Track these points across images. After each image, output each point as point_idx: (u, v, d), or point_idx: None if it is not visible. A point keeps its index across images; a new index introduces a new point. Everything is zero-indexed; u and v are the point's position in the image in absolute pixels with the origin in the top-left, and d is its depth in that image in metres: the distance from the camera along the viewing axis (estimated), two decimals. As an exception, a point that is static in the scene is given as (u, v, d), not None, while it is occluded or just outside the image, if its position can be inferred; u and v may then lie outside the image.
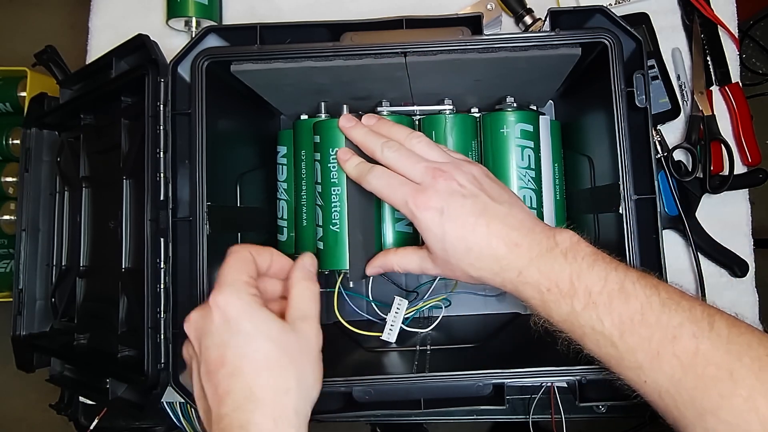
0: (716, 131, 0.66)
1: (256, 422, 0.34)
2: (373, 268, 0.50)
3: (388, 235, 0.60)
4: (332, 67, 0.53)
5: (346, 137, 0.51)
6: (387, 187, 0.45)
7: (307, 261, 0.45)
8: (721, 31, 0.69)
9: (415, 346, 0.59)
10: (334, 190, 0.53)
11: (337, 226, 0.55)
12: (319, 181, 0.54)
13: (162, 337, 0.52)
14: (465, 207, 0.42)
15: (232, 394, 0.35)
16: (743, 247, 0.66)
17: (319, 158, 0.55)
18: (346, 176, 0.51)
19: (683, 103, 0.68)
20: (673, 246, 0.66)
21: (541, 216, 0.60)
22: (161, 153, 0.53)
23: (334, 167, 0.54)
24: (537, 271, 0.40)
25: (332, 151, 0.54)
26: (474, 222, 0.42)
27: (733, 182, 0.65)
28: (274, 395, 0.36)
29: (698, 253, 0.63)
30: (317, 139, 0.55)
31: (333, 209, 0.55)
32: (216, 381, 0.36)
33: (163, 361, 0.52)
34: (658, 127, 0.67)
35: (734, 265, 0.65)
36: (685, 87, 0.68)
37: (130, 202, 0.59)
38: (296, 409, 0.37)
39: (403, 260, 0.48)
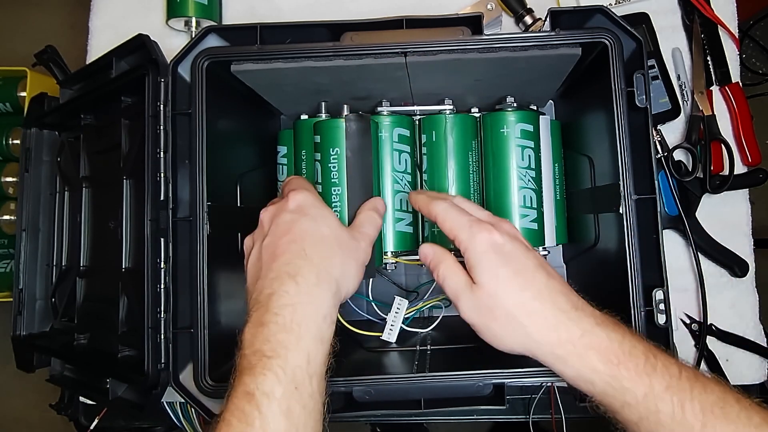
0: (716, 131, 0.66)
1: (303, 274, 0.39)
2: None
3: (389, 234, 0.60)
4: (332, 67, 0.53)
5: (352, 135, 0.53)
6: (451, 208, 0.43)
7: (379, 201, 0.50)
8: (721, 31, 0.70)
9: (415, 346, 0.59)
10: (334, 190, 0.53)
11: None
12: (320, 181, 0.54)
13: (162, 337, 0.52)
14: (523, 251, 0.40)
15: (288, 253, 0.41)
16: (743, 247, 0.66)
17: (319, 158, 0.55)
18: (346, 167, 0.52)
19: (683, 103, 0.68)
20: (673, 246, 0.66)
21: (541, 216, 0.60)
22: (161, 153, 0.53)
23: (334, 167, 0.54)
24: (606, 336, 0.36)
25: (332, 151, 0.54)
26: (534, 268, 0.39)
27: (733, 182, 0.65)
28: (321, 261, 0.41)
29: (698, 253, 0.63)
30: (317, 139, 0.55)
31: (333, 209, 0.55)
32: (276, 244, 0.42)
33: (163, 361, 0.52)
34: (658, 127, 0.67)
35: (734, 265, 0.65)
36: (685, 87, 0.68)
37: (130, 202, 0.59)
38: (337, 279, 0.41)
39: (449, 270, 0.42)
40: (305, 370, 0.36)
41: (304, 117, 0.64)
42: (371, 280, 0.65)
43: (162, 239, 0.52)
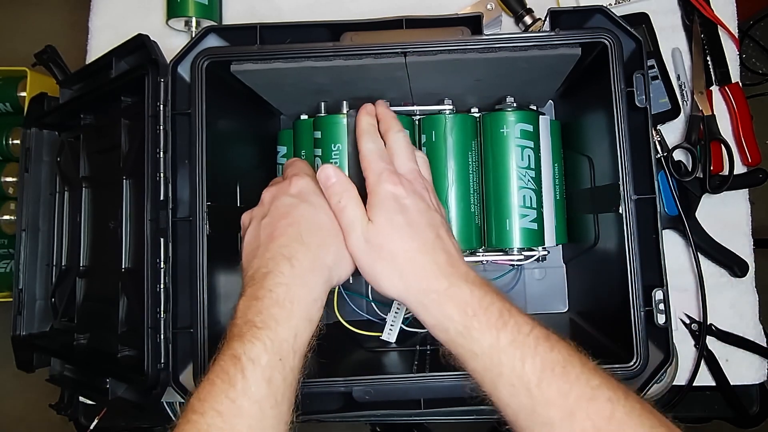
0: (716, 131, 0.66)
1: (299, 258, 0.41)
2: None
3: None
4: (332, 67, 0.53)
5: (353, 131, 0.52)
6: (374, 152, 0.45)
7: None
8: (721, 31, 0.69)
9: (415, 346, 0.59)
10: None
11: None
12: None
13: (162, 337, 0.52)
14: (422, 209, 0.43)
15: (285, 236, 0.42)
16: (743, 247, 0.66)
17: (320, 154, 0.55)
18: (348, 163, 0.52)
19: (683, 103, 0.68)
20: (673, 246, 0.66)
21: (541, 216, 0.60)
22: (161, 153, 0.53)
23: (336, 163, 0.54)
24: (469, 291, 0.39)
25: (334, 147, 0.54)
26: (426, 225, 0.42)
27: (733, 182, 0.65)
28: (317, 247, 0.42)
29: (698, 253, 0.63)
30: (318, 135, 0.56)
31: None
32: (275, 226, 0.43)
33: (163, 361, 0.52)
34: (658, 127, 0.67)
35: (734, 265, 0.65)
36: (685, 87, 0.68)
37: (130, 202, 0.59)
38: (330, 267, 0.42)
39: (352, 201, 0.44)
40: (291, 345, 0.38)
41: (304, 117, 0.64)
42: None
43: (162, 239, 0.52)
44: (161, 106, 0.53)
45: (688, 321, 0.65)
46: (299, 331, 0.39)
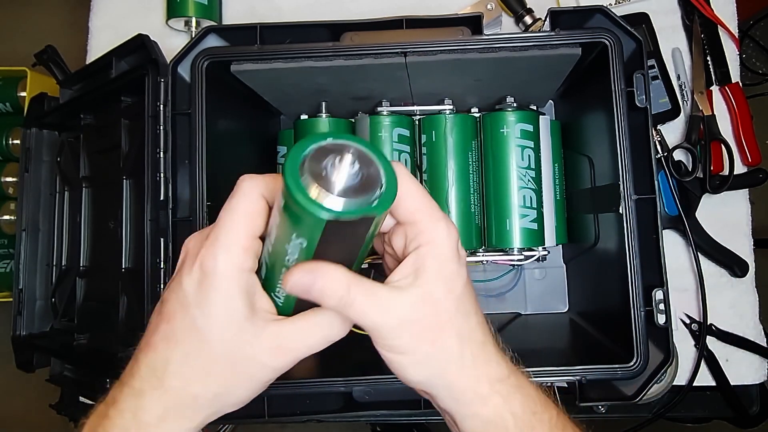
0: (716, 131, 0.66)
1: (147, 399, 0.30)
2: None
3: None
4: (332, 67, 0.53)
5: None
6: (422, 188, 0.32)
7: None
8: (721, 31, 0.69)
9: (415, 346, 0.59)
10: None
11: None
12: None
13: (162, 337, 0.52)
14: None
15: (151, 354, 0.31)
16: (743, 247, 0.66)
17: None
18: None
19: (683, 103, 0.68)
20: (673, 246, 0.66)
21: (541, 216, 0.60)
22: (161, 153, 0.53)
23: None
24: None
25: None
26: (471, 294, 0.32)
27: (733, 182, 0.65)
28: (184, 385, 0.30)
29: (698, 253, 0.63)
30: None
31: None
32: (155, 327, 0.31)
33: (163, 361, 0.52)
34: (658, 127, 0.67)
35: (734, 265, 0.65)
36: (685, 87, 0.68)
37: (130, 202, 0.59)
38: (200, 404, 0.31)
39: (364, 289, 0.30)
40: None
41: (304, 117, 0.64)
42: (371, 277, 0.65)
43: (162, 239, 0.52)
44: (161, 106, 0.53)
45: (688, 321, 0.65)
46: None
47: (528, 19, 0.69)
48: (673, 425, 0.70)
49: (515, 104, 0.61)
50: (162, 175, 0.53)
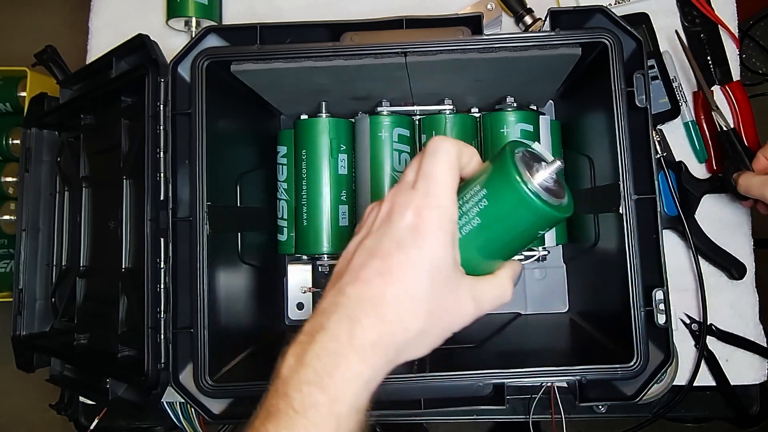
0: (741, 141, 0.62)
1: (365, 326, 0.32)
2: None
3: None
4: (332, 67, 0.53)
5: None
6: None
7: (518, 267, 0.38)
8: (721, 31, 0.69)
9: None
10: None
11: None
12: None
13: (162, 337, 0.52)
14: None
15: (366, 286, 0.33)
16: (743, 247, 0.66)
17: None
18: None
19: (682, 104, 0.68)
20: (672, 246, 0.66)
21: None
22: (161, 153, 0.53)
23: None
24: None
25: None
26: None
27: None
28: (395, 320, 0.32)
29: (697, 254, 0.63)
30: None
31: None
32: (365, 264, 0.33)
33: (163, 361, 0.52)
34: (658, 127, 0.66)
35: (732, 268, 0.65)
36: (681, 88, 0.68)
37: (130, 202, 0.59)
38: (400, 347, 0.33)
39: None
40: None
41: (304, 117, 0.64)
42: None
43: (162, 239, 0.52)
44: (161, 106, 0.53)
45: (688, 321, 0.65)
46: (343, 420, 0.31)
47: (528, 19, 0.69)
48: (673, 425, 0.70)
49: (515, 104, 0.61)
50: (162, 175, 0.53)
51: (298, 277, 0.67)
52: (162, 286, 0.52)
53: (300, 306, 0.67)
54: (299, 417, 0.30)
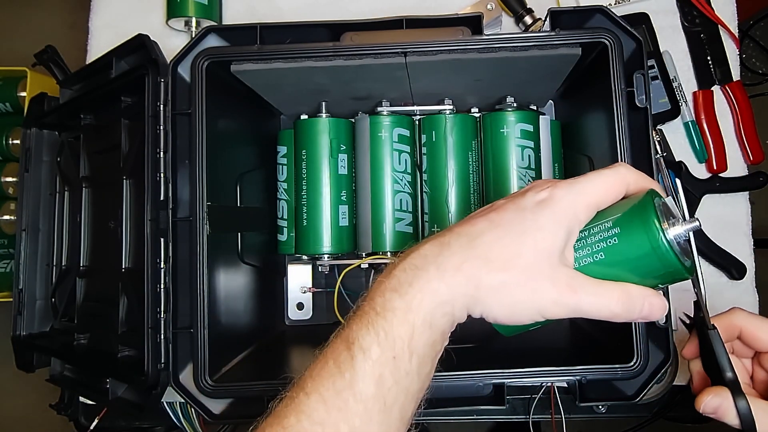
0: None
1: (452, 249, 0.33)
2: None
3: (388, 234, 0.60)
4: (332, 67, 0.53)
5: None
6: None
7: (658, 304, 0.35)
8: (721, 31, 0.69)
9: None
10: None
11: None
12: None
13: (162, 337, 0.52)
14: None
15: (473, 228, 0.34)
16: (743, 248, 0.66)
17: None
18: None
19: (682, 104, 0.68)
20: (673, 246, 0.66)
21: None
22: (161, 153, 0.53)
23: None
24: None
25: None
26: None
27: (732, 185, 0.65)
28: (486, 260, 0.33)
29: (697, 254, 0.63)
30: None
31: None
32: (492, 219, 0.34)
33: (163, 361, 0.52)
34: (658, 127, 0.66)
35: (732, 268, 0.65)
36: (681, 87, 0.68)
37: (130, 202, 0.59)
38: (481, 285, 0.33)
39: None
40: (406, 344, 0.32)
41: (304, 117, 0.64)
42: (371, 278, 0.65)
43: (162, 239, 0.52)
44: (161, 106, 0.53)
45: (688, 321, 0.65)
46: (417, 330, 0.32)
47: (528, 19, 0.69)
48: (673, 425, 0.69)
49: (515, 104, 0.61)
50: (162, 175, 0.53)
51: (298, 277, 0.67)
52: (162, 286, 0.52)
53: (300, 306, 0.67)
54: (379, 318, 0.32)
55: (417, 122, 0.64)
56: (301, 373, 0.33)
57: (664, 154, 0.64)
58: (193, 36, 0.55)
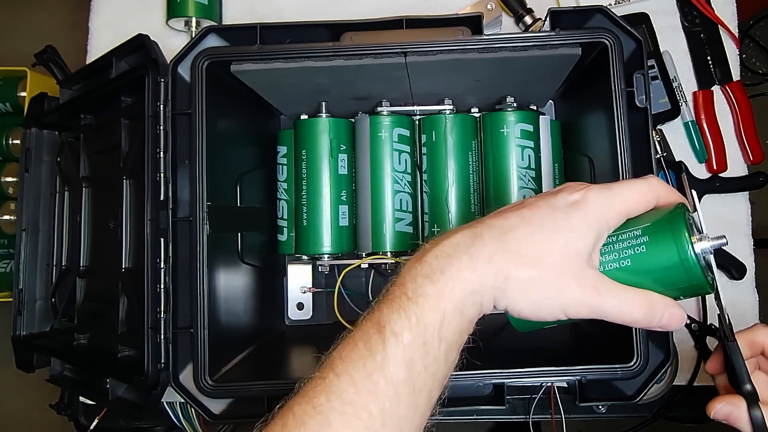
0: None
1: (484, 239, 0.34)
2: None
3: (388, 234, 0.60)
4: (332, 67, 0.53)
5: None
6: None
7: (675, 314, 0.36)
8: (721, 31, 0.69)
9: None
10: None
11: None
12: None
13: (162, 337, 0.52)
14: None
15: (505, 222, 0.34)
16: (743, 247, 0.66)
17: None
18: None
19: (682, 104, 0.68)
20: (673, 246, 0.66)
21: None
22: (161, 153, 0.53)
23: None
24: None
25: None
26: None
27: (732, 185, 0.65)
28: (515, 254, 0.34)
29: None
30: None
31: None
32: (526, 216, 0.34)
33: (163, 361, 0.52)
34: (658, 127, 0.66)
35: (732, 268, 0.65)
36: (681, 87, 0.68)
37: (130, 202, 0.59)
38: (509, 277, 0.33)
39: None
40: (437, 330, 0.33)
41: (304, 117, 0.64)
42: (371, 278, 0.65)
43: (162, 239, 0.52)
44: (161, 106, 0.53)
45: (688, 321, 0.65)
46: (447, 317, 0.33)
47: (528, 19, 0.69)
48: (673, 425, 0.69)
49: (515, 104, 0.61)
50: (162, 175, 0.53)
51: (298, 277, 0.67)
52: (162, 286, 0.52)
53: (300, 306, 0.67)
54: (410, 303, 0.33)
55: (417, 122, 0.64)
56: (330, 354, 0.33)
57: (664, 154, 0.64)
58: (193, 36, 0.55)
